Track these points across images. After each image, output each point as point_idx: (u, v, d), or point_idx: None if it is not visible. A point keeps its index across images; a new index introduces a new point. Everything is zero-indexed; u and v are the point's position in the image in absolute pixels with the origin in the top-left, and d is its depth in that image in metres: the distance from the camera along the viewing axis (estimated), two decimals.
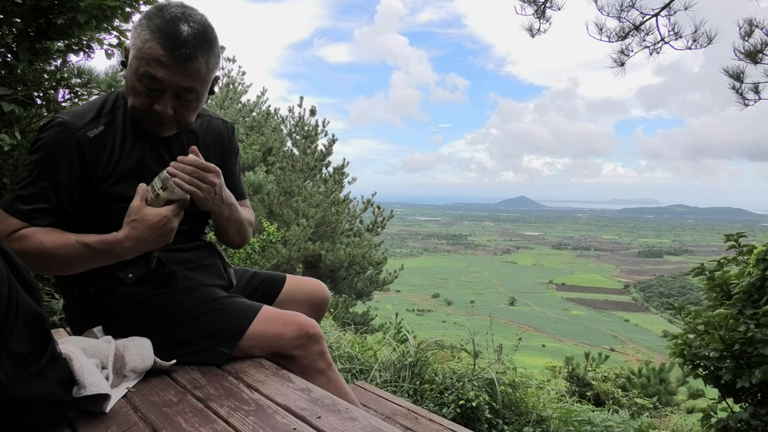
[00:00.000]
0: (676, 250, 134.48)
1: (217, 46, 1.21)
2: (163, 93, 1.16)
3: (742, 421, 2.44)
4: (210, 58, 1.18)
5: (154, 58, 1.11)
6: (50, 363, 0.89)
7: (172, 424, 0.93)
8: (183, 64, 1.13)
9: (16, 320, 0.83)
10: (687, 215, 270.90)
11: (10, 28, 2.11)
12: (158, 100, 1.16)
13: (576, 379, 6.93)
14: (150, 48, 1.11)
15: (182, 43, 1.11)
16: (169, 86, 1.14)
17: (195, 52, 1.13)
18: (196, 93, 1.20)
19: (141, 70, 1.13)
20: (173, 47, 1.10)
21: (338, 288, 10.49)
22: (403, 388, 3.20)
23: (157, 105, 1.16)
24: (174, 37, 1.10)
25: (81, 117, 1.19)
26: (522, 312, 75.43)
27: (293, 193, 10.34)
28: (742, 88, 4.06)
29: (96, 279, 1.20)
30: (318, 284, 1.60)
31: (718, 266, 2.91)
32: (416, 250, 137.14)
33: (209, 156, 1.34)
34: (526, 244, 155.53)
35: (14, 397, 0.82)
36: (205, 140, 1.38)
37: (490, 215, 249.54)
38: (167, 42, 1.10)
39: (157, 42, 1.10)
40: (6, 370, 0.80)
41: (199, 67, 1.16)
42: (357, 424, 0.91)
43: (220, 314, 1.24)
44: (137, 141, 1.24)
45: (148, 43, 1.11)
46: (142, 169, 1.23)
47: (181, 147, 1.31)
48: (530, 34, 5.15)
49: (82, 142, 1.16)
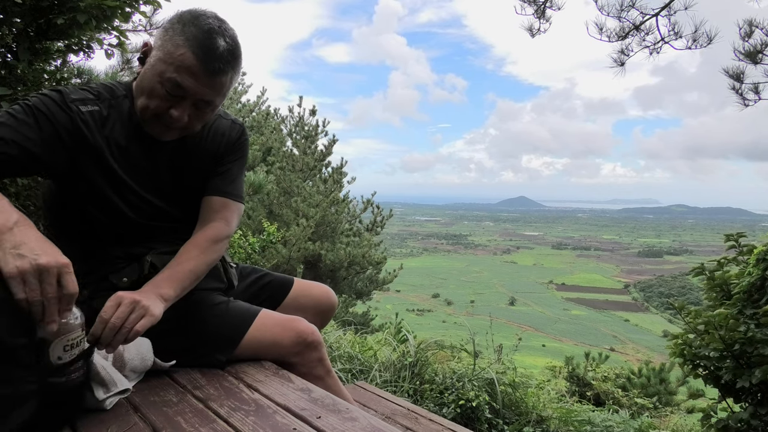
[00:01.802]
0: (676, 250, 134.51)
1: (241, 61, 1.20)
2: (183, 100, 1.14)
3: (742, 421, 2.44)
4: (235, 74, 1.18)
5: (185, 66, 1.09)
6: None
7: (172, 424, 0.93)
8: (213, 78, 1.12)
9: None
10: (687, 215, 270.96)
11: (10, 28, 2.11)
12: (176, 106, 1.14)
13: (576, 379, 6.92)
14: (183, 56, 1.09)
15: (218, 57, 1.10)
16: (192, 96, 1.13)
17: (226, 68, 1.13)
18: (213, 105, 1.19)
19: (167, 75, 1.11)
20: (208, 60, 1.10)
21: (338, 288, 10.49)
22: (403, 388, 3.20)
23: (174, 110, 1.14)
24: (211, 50, 1.10)
25: (80, 93, 1.16)
26: (522, 312, 75.41)
27: (293, 193, 10.34)
28: (742, 89, 4.06)
29: (89, 283, 1.19)
30: (326, 290, 1.57)
31: (718, 266, 2.91)
32: (416, 250, 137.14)
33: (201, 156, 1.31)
34: (526, 244, 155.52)
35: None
36: (204, 139, 1.32)
37: (490, 215, 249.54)
38: (203, 54, 1.09)
39: (192, 52, 1.09)
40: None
41: (224, 82, 1.16)
42: (357, 424, 0.91)
43: (217, 321, 1.23)
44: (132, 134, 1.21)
45: (181, 49, 1.09)
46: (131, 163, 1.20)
47: (177, 146, 1.27)
48: (530, 34, 5.15)
49: (75, 112, 1.12)
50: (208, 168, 1.32)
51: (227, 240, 1.31)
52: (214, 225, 1.28)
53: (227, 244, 1.33)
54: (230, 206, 1.33)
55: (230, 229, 1.31)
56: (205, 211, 1.30)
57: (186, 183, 1.30)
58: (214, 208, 1.30)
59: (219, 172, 1.33)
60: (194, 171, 1.30)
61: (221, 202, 1.31)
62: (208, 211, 1.30)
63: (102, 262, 1.21)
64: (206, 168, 1.32)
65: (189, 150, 1.30)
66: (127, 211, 1.20)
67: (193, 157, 1.30)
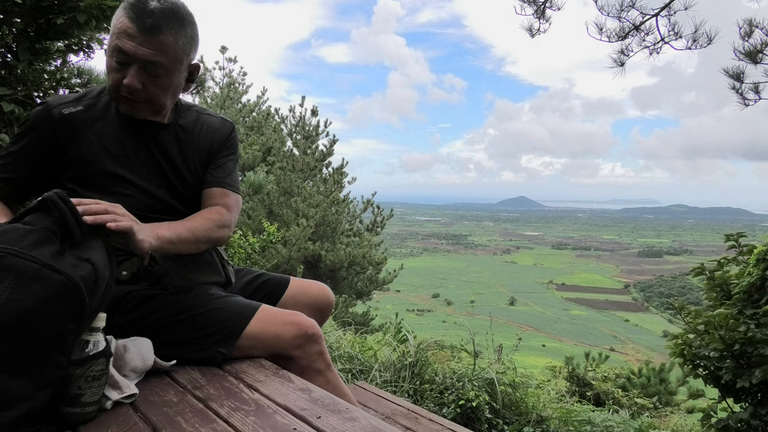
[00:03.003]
0: (676, 250, 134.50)
1: (190, 27, 1.23)
2: (129, 66, 1.18)
3: (742, 421, 2.44)
4: (180, 36, 1.21)
5: (122, 30, 1.16)
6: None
7: (172, 424, 0.92)
8: (148, 35, 1.16)
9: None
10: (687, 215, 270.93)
11: (10, 28, 2.11)
12: (126, 74, 1.19)
13: (576, 379, 6.92)
14: (120, 21, 1.16)
15: (148, 14, 1.15)
16: (134, 58, 1.17)
17: (160, 24, 1.16)
18: (164, 69, 1.21)
19: (112, 45, 1.18)
20: (138, 17, 1.15)
21: (338, 288, 10.49)
22: (403, 388, 3.20)
23: (126, 78, 1.19)
24: (140, 9, 1.15)
25: (62, 98, 1.26)
26: (522, 312, 75.41)
27: (293, 193, 10.33)
28: (742, 88, 4.06)
29: None
30: (323, 288, 1.59)
31: (718, 266, 2.91)
32: (416, 250, 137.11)
33: (196, 151, 1.38)
34: (526, 244, 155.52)
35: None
36: (197, 134, 1.40)
37: (490, 215, 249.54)
38: (133, 13, 1.15)
39: (126, 15, 1.16)
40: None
41: (165, 41, 1.18)
42: (357, 424, 0.91)
43: (217, 313, 1.24)
44: (125, 128, 1.28)
45: (118, 17, 1.17)
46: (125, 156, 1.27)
47: (170, 139, 1.34)
48: (530, 34, 5.15)
49: (57, 119, 1.22)
50: (204, 161, 1.39)
51: (228, 229, 1.36)
52: (217, 209, 1.35)
53: (229, 234, 1.37)
54: (230, 195, 1.40)
55: (231, 216, 1.37)
56: (207, 199, 1.38)
57: (183, 175, 1.36)
58: (215, 196, 1.37)
59: (217, 165, 1.41)
60: (191, 164, 1.37)
61: (221, 191, 1.39)
62: (210, 199, 1.37)
63: None
64: (203, 161, 1.39)
65: (183, 143, 1.37)
66: (124, 203, 1.21)
67: (188, 150, 1.37)
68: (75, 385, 0.89)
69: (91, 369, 0.90)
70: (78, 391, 0.89)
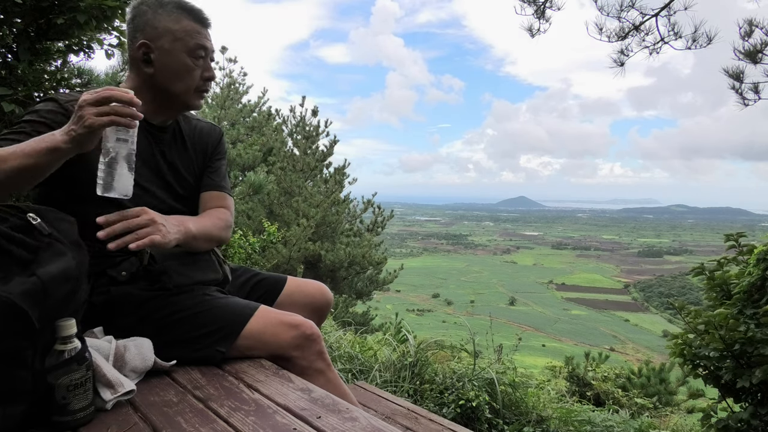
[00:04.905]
0: (676, 250, 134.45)
1: None
2: (206, 60, 1.32)
3: (742, 421, 2.44)
4: None
5: (194, 30, 1.28)
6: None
7: (172, 424, 0.93)
8: (209, 29, 1.33)
9: None
10: (687, 215, 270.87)
11: (10, 28, 2.11)
12: (206, 68, 1.32)
13: (576, 379, 6.92)
14: (187, 25, 1.27)
15: (199, 11, 1.29)
16: (210, 51, 1.33)
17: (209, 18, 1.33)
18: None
19: (192, 44, 1.27)
20: (197, 17, 1.29)
21: (338, 288, 10.48)
22: (403, 388, 3.20)
23: (207, 72, 1.32)
24: (192, 9, 1.29)
25: (69, 95, 1.27)
26: (522, 312, 75.37)
27: (294, 193, 10.33)
28: (742, 88, 4.06)
29: (88, 277, 1.20)
30: (320, 287, 1.59)
31: (718, 266, 2.91)
32: (416, 250, 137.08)
33: (193, 154, 1.44)
34: (526, 244, 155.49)
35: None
36: (191, 138, 1.45)
37: (490, 215, 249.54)
38: (191, 15, 1.28)
39: (187, 18, 1.27)
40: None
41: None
42: (357, 424, 0.91)
43: (216, 312, 1.24)
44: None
45: (183, 22, 1.27)
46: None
47: (169, 141, 1.38)
48: (530, 35, 5.15)
49: (68, 110, 1.21)
50: (201, 164, 1.46)
51: (231, 230, 1.45)
52: (223, 211, 1.44)
53: (230, 234, 1.45)
54: (228, 198, 1.49)
55: (232, 218, 1.47)
56: (207, 201, 1.44)
57: (183, 176, 1.41)
58: (215, 199, 1.45)
59: (213, 168, 1.48)
60: (189, 166, 1.43)
61: (220, 195, 1.47)
62: (210, 201, 1.44)
63: (99, 256, 1.21)
64: (200, 164, 1.45)
65: (182, 146, 1.42)
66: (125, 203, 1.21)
67: (187, 152, 1.42)
68: (59, 395, 0.89)
69: (70, 377, 0.89)
70: (63, 401, 0.89)
